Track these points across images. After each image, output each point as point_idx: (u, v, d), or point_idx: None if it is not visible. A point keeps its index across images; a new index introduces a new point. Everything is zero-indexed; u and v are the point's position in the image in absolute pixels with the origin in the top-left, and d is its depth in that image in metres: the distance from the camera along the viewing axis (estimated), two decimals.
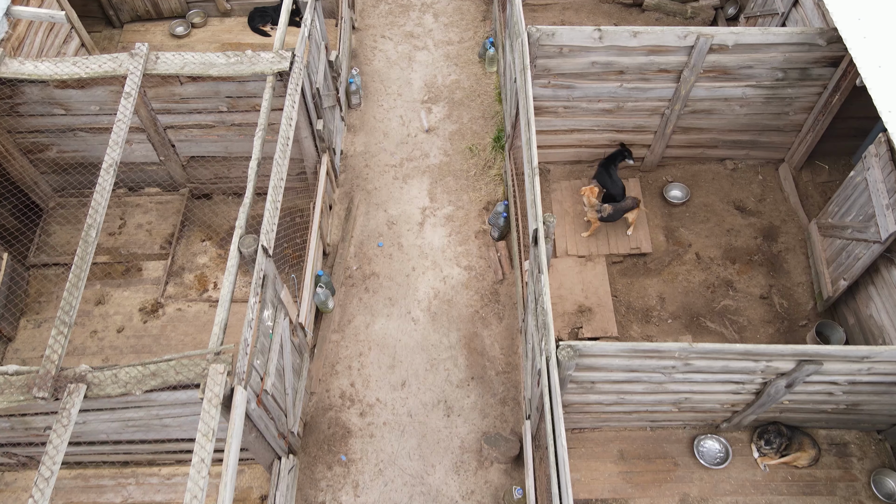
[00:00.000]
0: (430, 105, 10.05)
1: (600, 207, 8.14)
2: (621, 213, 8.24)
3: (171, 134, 7.97)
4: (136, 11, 10.62)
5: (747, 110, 8.17)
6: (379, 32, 11.02)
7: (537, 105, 8.08)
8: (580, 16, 11.08)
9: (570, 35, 7.21)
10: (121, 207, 8.75)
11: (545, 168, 9.07)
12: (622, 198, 8.34)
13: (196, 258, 8.39)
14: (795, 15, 8.41)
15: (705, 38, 7.17)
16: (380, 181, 9.21)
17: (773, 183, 8.94)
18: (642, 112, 8.22)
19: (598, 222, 8.26)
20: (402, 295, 8.20)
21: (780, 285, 8.04)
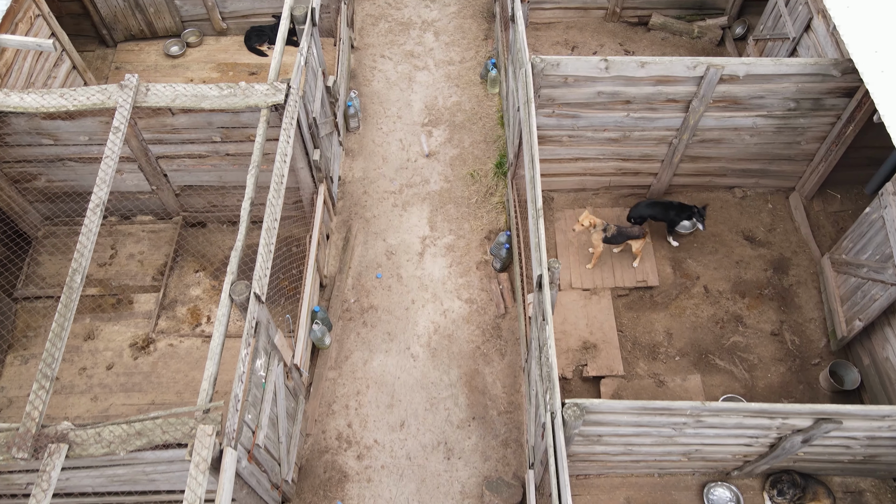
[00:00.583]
0: (430, 128, 9.80)
1: (605, 225, 7.88)
2: (625, 238, 7.98)
3: (163, 163, 7.73)
4: (130, 31, 10.38)
5: (758, 140, 7.93)
6: (378, 52, 10.77)
7: (541, 134, 7.83)
8: (584, 35, 10.84)
9: (576, 65, 6.96)
10: (112, 236, 8.50)
11: (549, 196, 8.82)
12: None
13: (189, 290, 8.14)
14: (807, 40, 8.16)
15: (715, 69, 6.93)
16: (379, 208, 8.96)
17: (783, 212, 8.68)
18: (649, 141, 7.97)
19: (601, 246, 7.99)
20: (402, 329, 7.95)
21: (791, 321, 7.78)
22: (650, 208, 8.25)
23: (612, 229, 7.88)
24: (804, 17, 8.12)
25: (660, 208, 8.23)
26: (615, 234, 7.88)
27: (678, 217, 8.14)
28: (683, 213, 8.13)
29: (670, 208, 8.17)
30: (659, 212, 8.23)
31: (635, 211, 8.26)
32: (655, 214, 8.25)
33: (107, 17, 10.05)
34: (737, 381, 7.42)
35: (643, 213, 8.23)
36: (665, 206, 8.20)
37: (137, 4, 9.95)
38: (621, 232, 7.90)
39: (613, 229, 7.89)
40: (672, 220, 8.20)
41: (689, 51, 10.61)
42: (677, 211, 8.14)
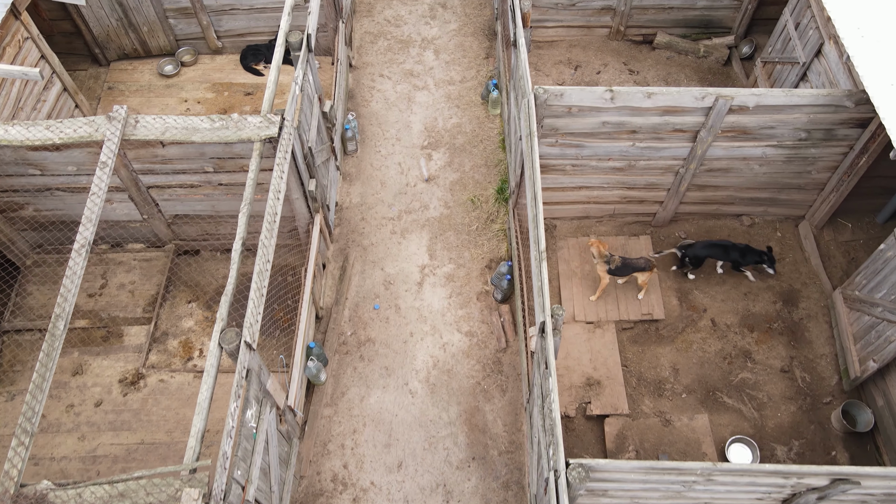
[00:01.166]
0: (430, 151, 9.57)
1: (609, 258, 7.65)
2: (631, 271, 7.75)
3: (155, 193, 7.50)
4: (124, 50, 10.15)
5: (767, 169, 7.69)
6: (377, 71, 10.54)
7: (544, 163, 7.60)
8: (587, 53, 10.60)
9: (580, 95, 6.73)
10: (102, 265, 8.28)
11: (551, 224, 8.59)
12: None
13: (181, 322, 7.91)
14: (818, 66, 7.92)
15: (725, 100, 6.69)
16: (376, 236, 8.73)
17: (792, 241, 8.44)
18: (655, 170, 7.74)
19: (606, 278, 7.76)
20: (400, 364, 7.72)
21: (801, 357, 7.54)
22: (708, 249, 7.88)
23: (616, 261, 7.65)
24: (815, 41, 7.88)
25: (719, 250, 7.87)
26: (619, 266, 7.65)
27: (743, 260, 7.81)
28: (749, 256, 7.80)
29: (732, 250, 7.82)
30: (719, 253, 7.88)
31: (691, 251, 7.90)
32: (714, 255, 7.91)
33: (99, 37, 9.83)
34: (746, 421, 7.18)
35: (699, 254, 7.88)
36: (726, 248, 7.85)
37: (130, 24, 9.73)
38: (626, 264, 7.67)
39: (618, 261, 7.65)
40: (735, 261, 7.86)
41: (695, 70, 10.38)
42: (741, 253, 7.79)
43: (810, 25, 7.99)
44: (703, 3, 10.12)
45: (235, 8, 9.71)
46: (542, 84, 10.13)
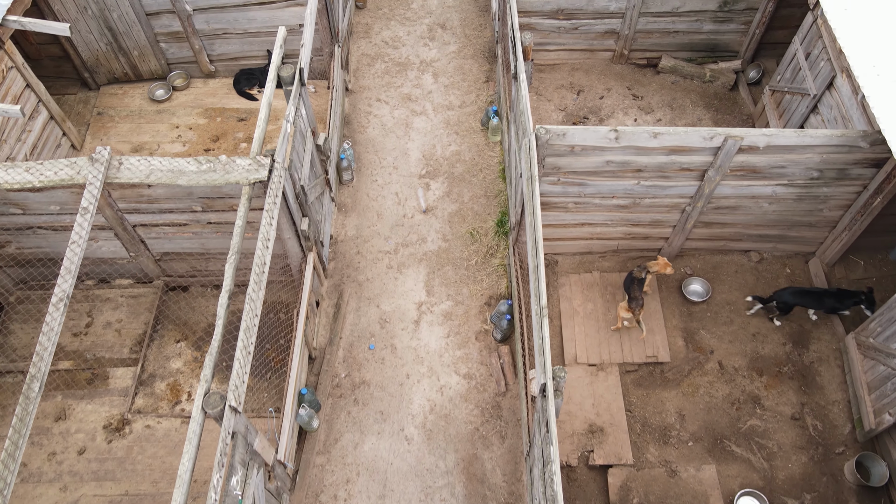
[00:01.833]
0: (427, 180, 9.30)
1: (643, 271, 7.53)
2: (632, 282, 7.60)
3: (141, 231, 7.23)
4: (114, 74, 9.89)
5: (777, 207, 7.41)
6: (374, 95, 10.27)
7: (545, 200, 7.33)
8: (590, 77, 10.33)
9: (584, 135, 6.46)
10: (89, 302, 8.01)
11: (552, 259, 8.31)
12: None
13: (169, 362, 7.64)
14: (829, 99, 7.64)
15: (734, 141, 6.42)
16: (372, 271, 8.45)
17: (801, 277, 8.16)
18: (661, 208, 7.46)
19: (629, 313, 7.55)
20: (395, 408, 7.44)
21: (812, 403, 7.26)
22: (798, 297, 7.51)
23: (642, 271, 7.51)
24: (826, 74, 7.60)
25: (811, 298, 7.50)
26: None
27: (840, 305, 7.42)
28: (846, 300, 7.39)
29: (826, 296, 7.44)
30: (811, 301, 7.52)
31: (780, 297, 7.56)
32: (806, 304, 7.55)
33: (88, 61, 9.56)
34: (755, 472, 6.90)
35: (788, 301, 7.53)
36: (818, 295, 7.49)
37: (120, 48, 9.46)
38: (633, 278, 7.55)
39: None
40: (832, 308, 7.48)
41: (701, 96, 10.10)
42: (837, 298, 7.40)
43: (821, 56, 7.72)
44: (709, 26, 9.85)
45: (228, 32, 9.45)
46: (544, 109, 9.87)
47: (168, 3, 8.95)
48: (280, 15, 9.21)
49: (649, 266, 7.50)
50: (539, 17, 9.75)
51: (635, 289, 7.49)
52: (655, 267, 7.51)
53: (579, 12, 9.70)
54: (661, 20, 9.77)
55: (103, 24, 9.06)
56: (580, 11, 9.68)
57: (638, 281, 7.49)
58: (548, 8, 9.62)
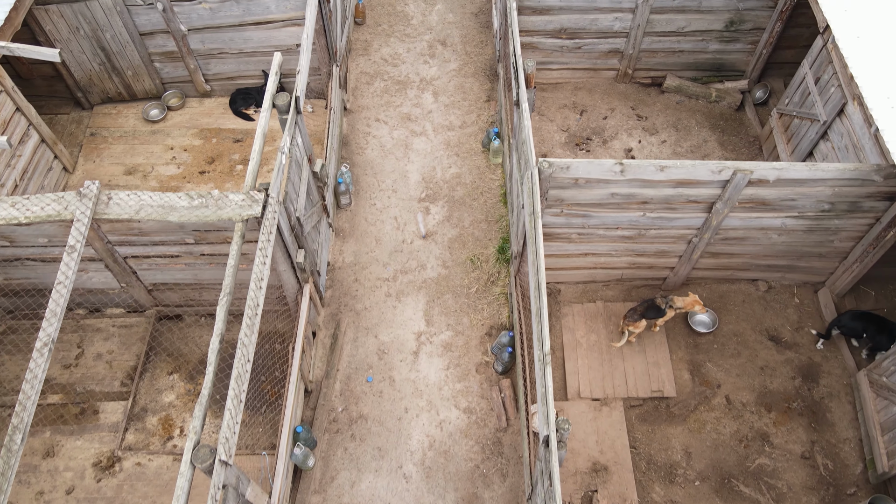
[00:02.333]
0: (427, 204, 9.09)
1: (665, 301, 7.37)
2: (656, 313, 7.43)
3: (133, 262, 7.03)
4: (108, 93, 9.69)
5: (786, 238, 7.21)
6: (373, 115, 10.07)
7: (547, 231, 7.13)
8: (594, 97, 10.13)
9: (588, 168, 6.25)
10: (79, 332, 7.81)
11: (555, 288, 8.11)
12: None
13: (161, 396, 7.43)
14: (840, 126, 7.43)
15: (743, 175, 6.21)
16: (370, 299, 8.25)
17: (811, 307, 7.96)
18: (667, 239, 7.26)
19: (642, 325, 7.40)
20: (393, 444, 7.24)
21: (823, 441, 7.05)
22: (859, 321, 7.30)
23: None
24: (837, 100, 7.40)
25: (874, 324, 7.22)
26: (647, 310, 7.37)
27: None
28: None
29: (888, 324, 7.19)
30: (873, 327, 7.23)
31: (843, 321, 7.37)
32: (869, 333, 7.26)
33: (81, 81, 9.37)
34: None
35: (851, 326, 7.35)
36: (881, 321, 7.23)
37: (114, 68, 9.26)
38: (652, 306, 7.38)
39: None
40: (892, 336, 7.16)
41: (706, 116, 9.89)
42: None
43: (832, 82, 7.51)
44: (714, 46, 9.65)
45: (224, 52, 9.25)
46: (546, 130, 9.67)
47: (162, 24, 8.75)
48: (277, 35, 9.02)
49: (674, 301, 7.23)
50: (541, 36, 9.55)
51: (646, 309, 7.31)
52: (681, 303, 7.22)
53: (582, 32, 9.49)
54: (666, 40, 9.56)
55: (96, 44, 8.87)
56: (583, 31, 9.48)
57: (655, 308, 7.29)
58: (550, 27, 9.42)
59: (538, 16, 9.26)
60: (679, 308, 7.22)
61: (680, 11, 9.15)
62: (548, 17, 9.27)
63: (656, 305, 7.28)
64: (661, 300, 7.26)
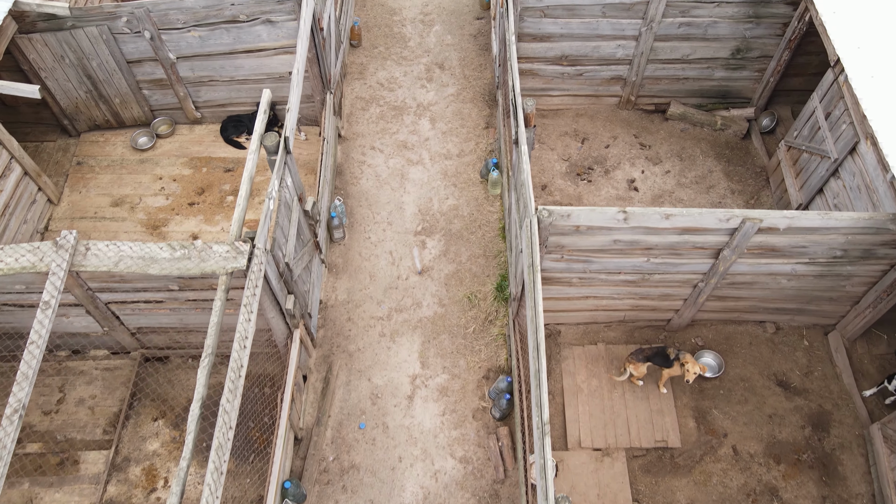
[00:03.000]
0: (423, 237, 8.81)
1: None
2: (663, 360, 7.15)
3: (115, 307, 6.75)
4: (95, 121, 9.41)
5: (796, 283, 6.92)
6: (368, 142, 9.78)
7: (547, 276, 6.85)
8: (595, 124, 9.84)
9: (590, 216, 5.97)
10: (61, 375, 7.52)
11: (555, 330, 7.82)
12: None
13: (146, 444, 7.15)
14: (852, 165, 7.15)
15: (752, 223, 5.92)
16: (364, 339, 7.96)
17: (821, 351, 7.67)
18: (671, 283, 6.97)
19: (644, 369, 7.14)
20: (386, 496, 6.95)
21: (834, 496, 6.76)
22: None
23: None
24: (849, 138, 7.11)
25: None
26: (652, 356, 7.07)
27: None
28: None
29: None
30: None
31: None
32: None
33: (67, 109, 9.09)
34: None
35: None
36: None
37: (101, 95, 8.98)
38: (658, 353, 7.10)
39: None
40: None
41: (711, 145, 9.60)
42: None
43: (843, 119, 7.22)
44: (720, 73, 9.37)
45: (214, 79, 8.96)
46: (547, 159, 9.40)
47: (150, 52, 8.47)
48: (269, 63, 8.74)
49: (686, 359, 6.91)
50: (542, 62, 9.27)
51: (653, 354, 7.04)
52: (690, 363, 6.86)
53: (584, 59, 9.21)
54: (671, 67, 9.28)
55: (82, 72, 8.59)
56: (585, 58, 9.20)
57: (663, 356, 7.00)
58: (551, 54, 9.14)
59: (538, 43, 8.98)
60: (686, 364, 6.89)
61: (685, 39, 8.87)
62: (548, 44, 9.00)
63: (665, 353, 6.99)
64: (671, 351, 6.97)
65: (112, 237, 8.57)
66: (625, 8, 8.50)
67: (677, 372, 6.99)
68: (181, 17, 8.08)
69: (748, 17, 8.52)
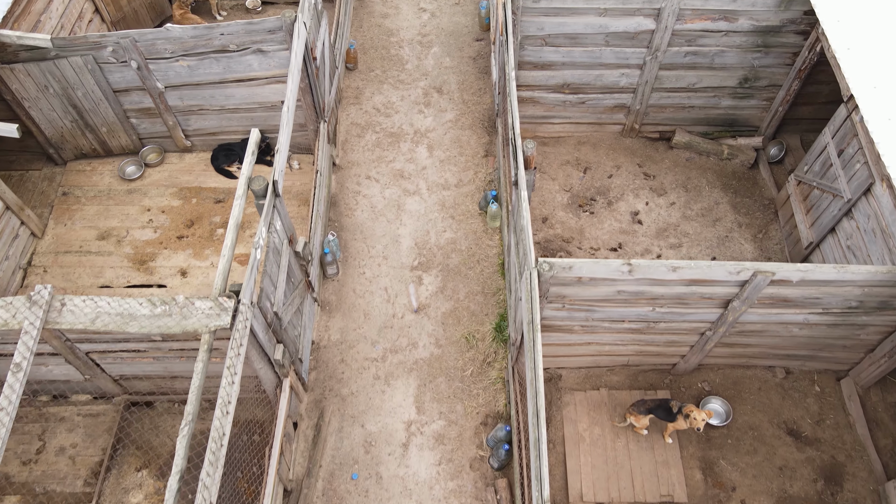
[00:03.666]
0: (420, 273, 8.51)
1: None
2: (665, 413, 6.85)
3: (96, 356, 6.46)
4: (81, 150, 9.12)
5: (808, 332, 6.62)
6: (364, 171, 9.49)
7: (548, 324, 6.55)
8: (598, 153, 9.54)
9: (593, 268, 5.67)
10: (42, 422, 7.23)
11: (556, 373, 7.52)
12: None
13: (128, 496, 6.86)
14: (866, 207, 6.84)
15: (764, 276, 5.63)
16: (357, 382, 7.67)
17: (833, 398, 7.36)
18: (678, 331, 6.67)
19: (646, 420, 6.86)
20: None
21: None
22: None
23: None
24: (863, 179, 6.81)
25: None
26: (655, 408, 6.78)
27: None
28: None
29: None
30: None
31: None
32: None
33: (52, 138, 8.80)
34: None
35: None
36: None
37: (87, 124, 8.70)
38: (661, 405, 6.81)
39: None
40: None
41: (718, 175, 9.30)
42: None
43: (857, 158, 6.92)
44: (727, 102, 9.07)
45: (204, 108, 8.67)
46: (548, 190, 9.10)
47: (137, 81, 8.18)
48: (261, 92, 8.45)
49: (690, 410, 6.58)
50: (542, 90, 8.98)
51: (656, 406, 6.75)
52: (697, 415, 6.52)
53: (587, 87, 8.92)
54: (676, 95, 8.99)
55: (67, 101, 8.30)
56: (588, 86, 8.90)
57: (666, 409, 6.71)
58: (552, 82, 8.84)
59: (539, 71, 8.69)
60: (691, 414, 6.58)
61: (691, 68, 8.57)
62: (549, 72, 8.70)
63: (668, 406, 6.69)
64: (674, 404, 6.67)
65: (97, 273, 8.28)
66: (629, 37, 8.20)
67: (682, 426, 6.68)
68: (169, 46, 7.80)
69: (756, 46, 8.23)
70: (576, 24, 8.05)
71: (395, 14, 11.68)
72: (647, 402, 6.83)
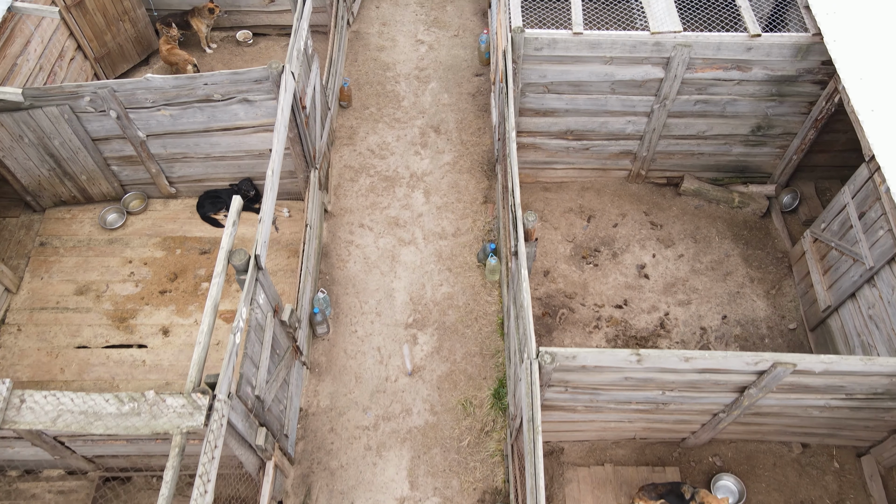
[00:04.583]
0: (415, 331, 8.08)
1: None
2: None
3: (65, 439, 6.02)
4: (60, 197, 8.70)
5: (829, 414, 6.18)
6: (357, 219, 9.05)
7: (550, 404, 6.11)
8: (602, 199, 9.11)
9: (598, 358, 5.23)
10: (11, 499, 6.80)
11: (557, 447, 7.09)
12: None
13: None
14: (891, 278, 6.40)
15: (784, 368, 5.19)
16: (347, 454, 7.23)
17: (853, 476, 6.92)
18: (689, 412, 6.24)
19: None
20: None
21: None
22: None
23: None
24: (887, 247, 6.37)
25: None
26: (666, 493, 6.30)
27: None
28: None
29: None
30: None
31: None
32: None
33: (29, 186, 8.39)
34: None
35: None
36: None
37: (66, 173, 8.28)
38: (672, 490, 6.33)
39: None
40: None
41: (729, 224, 8.86)
42: None
43: (880, 224, 6.49)
44: (738, 150, 8.64)
45: (189, 156, 8.26)
46: (550, 240, 8.66)
47: (117, 130, 7.76)
48: (247, 140, 8.03)
49: (704, 497, 6.15)
50: (545, 137, 8.55)
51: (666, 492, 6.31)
52: (709, 498, 6.13)
53: (591, 133, 8.49)
54: (685, 143, 8.56)
55: (43, 150, 7.88)
56: (592, 133, 8.47)
57: (678, 495, 6.28)
58: (555, 129, 8.42)
59: (541, 118, 8.26)
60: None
61: (701, 116, 8.14)
62: (552, 118, 8.27)
63: (680, 492, 6.26)
64: (687, 489, 6.24)
65: (75, 331, 7.85)
66: (636, 85, 7.77)
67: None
68: (150, 96, 7.38)
69: (771, 95, 7.80)
70: (580, 72, 7.62)
71: (392, 47, 11.26)
72: (657, 487, 6.39)
